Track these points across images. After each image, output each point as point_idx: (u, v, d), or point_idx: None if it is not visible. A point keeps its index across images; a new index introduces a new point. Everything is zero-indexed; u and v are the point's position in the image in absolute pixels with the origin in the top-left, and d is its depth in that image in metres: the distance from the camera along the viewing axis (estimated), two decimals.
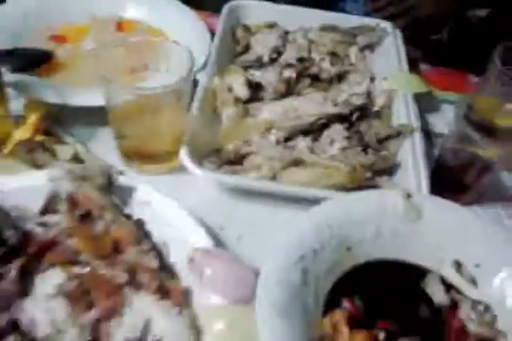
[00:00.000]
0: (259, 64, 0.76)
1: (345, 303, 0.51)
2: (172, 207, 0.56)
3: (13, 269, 0.50)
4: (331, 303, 0.51)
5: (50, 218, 0.56)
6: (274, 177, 0.61)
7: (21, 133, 0.65)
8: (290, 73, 0.70)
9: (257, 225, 0.61)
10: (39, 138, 0.66)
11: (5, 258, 0.51)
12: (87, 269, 0.51)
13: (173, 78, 0.56)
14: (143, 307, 0.49)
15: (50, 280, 0.51)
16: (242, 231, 0.61)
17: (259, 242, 0.55)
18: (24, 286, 0.51)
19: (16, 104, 0.67)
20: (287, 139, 0.63)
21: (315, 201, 0.54)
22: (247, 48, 0.80)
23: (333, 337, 0.49)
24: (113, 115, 0.61)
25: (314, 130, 0.64)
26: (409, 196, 0.55)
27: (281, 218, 0.62)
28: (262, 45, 0.78)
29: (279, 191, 0.60)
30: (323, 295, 0.51)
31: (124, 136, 0.62)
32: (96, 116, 0.66)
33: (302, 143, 0.62)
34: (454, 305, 0.53)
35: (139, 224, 0.55)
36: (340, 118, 0.65)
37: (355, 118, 0.67)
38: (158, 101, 0.58)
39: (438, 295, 0.53)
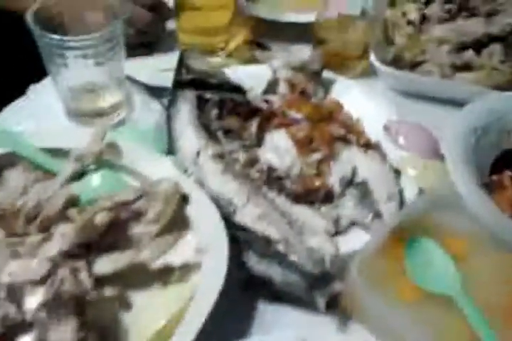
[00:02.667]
0: None
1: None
2: (363, 92, 0.73)
3: (253, 124, 0.67)
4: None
5: (271, 97, 0.72)
6: None
7: (233, 43, 0.84)
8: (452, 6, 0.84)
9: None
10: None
11: (247, 116, 0.68)
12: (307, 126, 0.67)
13: None
14: (351, 157, 0.65)
15: (277, 136, 0.68)
16: None
17: None
18: (259, 138, 0.68)
19: None
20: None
21: None
22: None
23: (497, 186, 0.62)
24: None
25: (477, 46, 0.78)
26: None
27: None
28: None
29: (451, 89, 0.74)
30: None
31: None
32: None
33: (468, 53, 0.76)
34: None
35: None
36: (499, 39, 0.78)
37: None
38: None
39: None
